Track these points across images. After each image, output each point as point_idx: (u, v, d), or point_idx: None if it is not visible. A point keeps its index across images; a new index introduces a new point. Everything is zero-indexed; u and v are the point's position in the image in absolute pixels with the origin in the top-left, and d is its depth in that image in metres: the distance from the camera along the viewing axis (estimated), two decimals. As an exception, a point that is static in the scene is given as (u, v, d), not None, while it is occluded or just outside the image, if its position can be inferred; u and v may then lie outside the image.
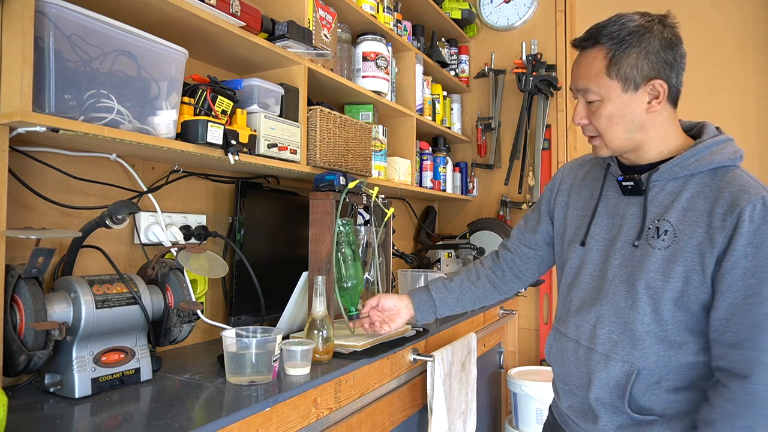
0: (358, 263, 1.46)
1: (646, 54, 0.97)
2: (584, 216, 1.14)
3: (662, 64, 0.98)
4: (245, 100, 1.37)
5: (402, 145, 2.22)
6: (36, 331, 0.91)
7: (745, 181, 0.94)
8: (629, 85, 0.99)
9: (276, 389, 1.04)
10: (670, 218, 0.99)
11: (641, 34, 0.98)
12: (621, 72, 0.98)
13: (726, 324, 0.92)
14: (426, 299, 1.35)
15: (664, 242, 0.98)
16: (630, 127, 1.01)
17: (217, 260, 1.28)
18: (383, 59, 1.91)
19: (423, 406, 1.57)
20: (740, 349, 0.90)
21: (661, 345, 0.99)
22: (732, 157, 0.98)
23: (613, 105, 1.00)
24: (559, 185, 1.25)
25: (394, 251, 2.21)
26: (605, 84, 1.00)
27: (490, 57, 2.89)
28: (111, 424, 0.86)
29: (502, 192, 2.80)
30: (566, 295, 1.17)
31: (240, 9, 1.27)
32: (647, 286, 0.99)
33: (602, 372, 1.04)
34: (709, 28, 2.38)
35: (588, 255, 1.11)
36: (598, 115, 1.02)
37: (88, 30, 0.97)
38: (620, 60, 0.98)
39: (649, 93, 0.99)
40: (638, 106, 1.00)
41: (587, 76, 1.02)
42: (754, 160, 2.28)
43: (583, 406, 1.10)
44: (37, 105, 0.89)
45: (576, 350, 1.10)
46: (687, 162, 0.99)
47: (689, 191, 0.98)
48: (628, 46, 0.98)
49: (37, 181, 1.12)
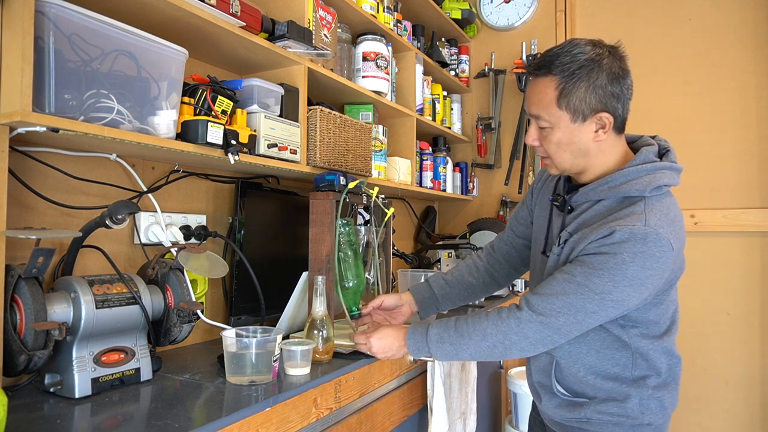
0: (359, 263, 1.46)
1: (594, 88, 1.03)
2: (537, 217, 1.29)
3: (609, 97, 1.04)
4: (245, 100, 1.37)
5: (402, 145, 2.22)
6: (36, 331, 0.91)
7: (634, 211, 1.03)
8: (577, 117, 1.05)
9: (276, 389, 1.04)
10: (570, 229, 1.11)
11: (590, 68, 1.03)
12: (570, 104, 1.05)
13: (549, 280, 1.07)
14: (428, 295, 1.40)
15: (559, 248, 1.11)
16: (576, 153, 1.10)
17: (217, 260, 1.28)
18: (383, 59, 1.91)
19: (423, 406, 1.57)
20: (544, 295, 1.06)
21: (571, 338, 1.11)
22: (641, 189, 1.04)
23: (562, 133, 1.08)
24: (537, 183, 1.36)
25: (394, 251, 2.21)
26: (555, 114, 1.07)
27: (490, 57, 2.89)
28: (111, 424, 0.86)
29: (502, 192, 2.80)
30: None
31: (240, 9, 1.27)
32: None
33: (534, 360, 1.23)
34: (709, 28, 2.38)
35: (535, 254, 1.27)
36: (548, 140, 1.10)
37: (88, 30, 0.97)
38: (569, 93, 1.04)
39: (596, 123, 1.06)
40: (585, 135, 1.07)
41: (539, 104, 1.09)
42: (754, 160, 2.28)
43: (532, 387, 1.28)
44: (37, 105, 0.89)
45: None
46: (600, 188, 1.09)
47: (594, 211, 1.10)
48: (578, 80, 1.03)
49: (37, 181, 1.12)
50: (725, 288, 2.30)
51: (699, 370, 2.31)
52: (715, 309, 2.31)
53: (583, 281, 1.02)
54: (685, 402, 2.32)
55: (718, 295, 2.32)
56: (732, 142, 2.32)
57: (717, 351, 2.30)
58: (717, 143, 2.34)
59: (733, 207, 2.30)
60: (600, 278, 1.01)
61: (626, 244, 0.99)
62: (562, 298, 1.04)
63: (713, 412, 2.32)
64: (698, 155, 2.36)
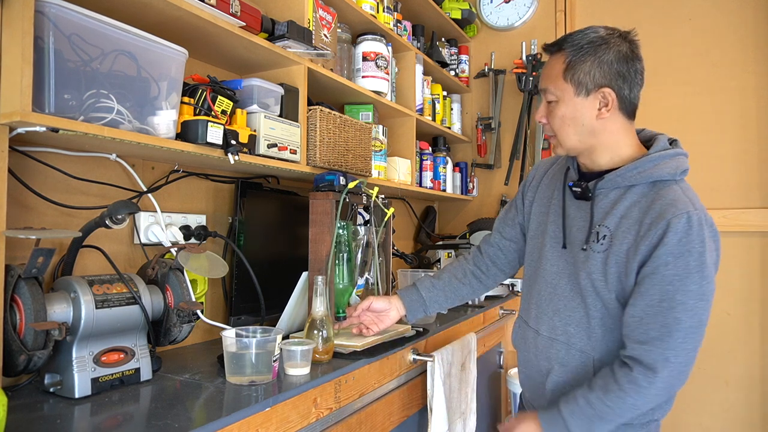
0: (352, 266, 1.47)
1: (600, 63, 1.05)
2: (544, 213, 1.24)
3: (614, 74, 1.05)
4: (245, 100, 1.37)
5: (402, 145, 2.22)
6: (36, 331, 0.91)
7: (677, 196, 1.02)
8: (581, 90, 1.07)
9: (276, 389, 1.04)
10: (609, 224, 1.08)
11: (598, 44, 1.06)
12: (575, 77, 1.07)
13: (639, 322, 1.02)
14: (416, 298, 1.39)
15: (602, 246, 1.08)
16: (580, 129, 1.09)
17: (217, 260, 1.28)
18: (383, 59, 1.91)
19: (423, 406, 1.57)
20: (648, 345, 1.00)
21: (611, 335, 1.09)
22: (672, 172, 1.05)
23: (566, 107, 1.09)
24: (530, 181, 1.34)
25: (394, 251, 2.21)
26: (561, 86, 1.09)
27: (490, 57, 2.89)
28: (111, 424, 0.86)
29: (502, 192, 2.80)
30: (529, 288, 1.26)
31: (240, 9, 1.27)
32: (593, 286, 1.09)
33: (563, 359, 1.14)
34: (709, 28, 2.38)
35: (545, 251, 1.21)
36: (553, 115, 1.11)
37: (87, 30, 0.97)
38: (575, 66, 1.06)
39: (600, 100, 1.07)
40: (588, 110, 1.08)
41: (548, 78, 1.12)
42: (754, 160, 2.28)
43: (540, 389, 1.19)
44: (36, 105, 0.89)
45: (536, 339, 1.20)
46: (629, 173, 1.07)
47: (628, 200, 1.07)
48: (584, 54, 1.06)
49: (37, 181, 1.12)
50: (725, 288, 2.30)
51: (699, 370, 2.31)
52: (715, 309, 2.30)
53: (683, 298, 0.98)
54: (685, 402, 2.33)
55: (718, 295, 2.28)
56: (732, 142, 2.32)
57: (717, 351, 2.30)
58: (717, 143, 2.34)
59: (733, 207, 2.30)
60: (694, 282, 0.98)
61: (691, 235, 0.97)
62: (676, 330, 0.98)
63: (713, 412, 2.32)
64: (698, 155, 2.35)
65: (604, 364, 1.09)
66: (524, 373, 1.27)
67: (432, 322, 1.75)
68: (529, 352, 1.23)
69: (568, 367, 1.13)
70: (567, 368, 1.14)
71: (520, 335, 1.28)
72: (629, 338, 1.04)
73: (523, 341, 1.26)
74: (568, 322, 1.14)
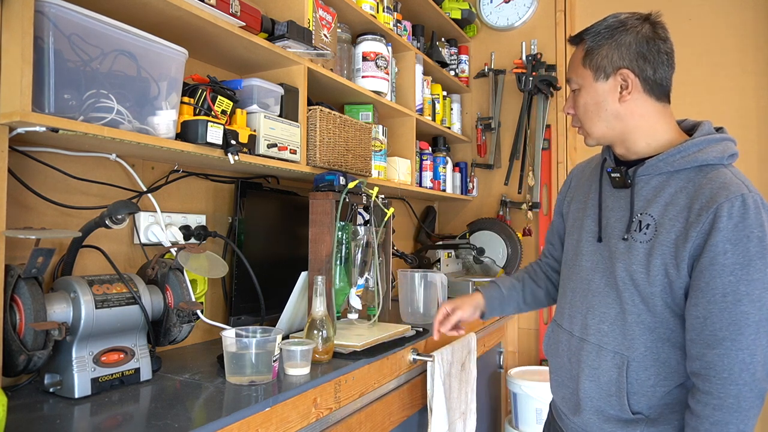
0: (350, 267, 1.47)
1: (617, 46, 1.02)
2: (581, 209, 1.18)
3: (634, 55, 1.02)
4: (245, 100, 1.37)
5: (402, 145, 2.22)
6: (36, 331, 0.91)
7: (728, 178, 0.94)
8: (600, 74, 1.04)
9: (276, 389, 1.04)
10: (653, 212, 1.00)
11: (616, 28, 1.03)
12: (593, 62, 1.05)
13: (704, 322, 0.92)
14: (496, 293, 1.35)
15: (646, 236, 1.00)
16: (604, 115, 1.05)
17: (217, 260, 1.28)
18: (383, 59, 1.91)
19: (423, 406, 1.57)
20: (719, 348, 0.90)
21: (650, 335, 1.00)
22: (719, 155, 0.97)
23: (587, 93, 1.07)
24: (569, 184, 1.30)
25: (394, 251, 2.21)
26: (581, 73, 1.07)
27: (490, 57, 2.89)
28: (111, 424, 0.86)
29: (502, 192, 2.80)
30: (564, 287, 1.19)
31: (240, 9, 1.27)
32: (632, 279, 1.01)
33: (594, 362, 1.05)
34: (709, 28, 2.38)
35: (580, 246, 1.14)
36: (578, 104, 1.09)
37: (87, 30, 0.97)
38: (593, 51, 1.05)
39: (620, 83, 1.03)
40: (610, 95, 1.04)
41: (570, 67, 1.11)
42: (754, 160, 2.28)
43: (573, 397, 1.10)
44: (36, 105, 0.89)
45: (569, 341, 1.13)
46: (672, 158, 1.00)
47: (673, 187, 1.00)
48: (602, 38, 1.04)
49: (36, 181, 1.12)
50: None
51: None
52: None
53: (747, 289, 0.88)
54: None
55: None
56: (732, 142, 2.32)
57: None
58: (717, 143, 2.34)
59: (732, 207, 2.30)
60: (758, 270, 0.89)
61: (748, 219, 0.89)
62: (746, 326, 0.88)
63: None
64: (698, 155, 2.36)
65: (641, 368, 1.00)
66: (556, 381, 1.18)
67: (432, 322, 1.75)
68: (561, 357, 1.15)
69: (600, 370, 1.04)
70: (598, 371, 1.05)
71: (553, 339, 1.20)
72: (695, 342, 0.93)
73: (555, 345, 1.18)
74: (602, 320, 1.05)
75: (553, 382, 1.20)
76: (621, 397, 1.01)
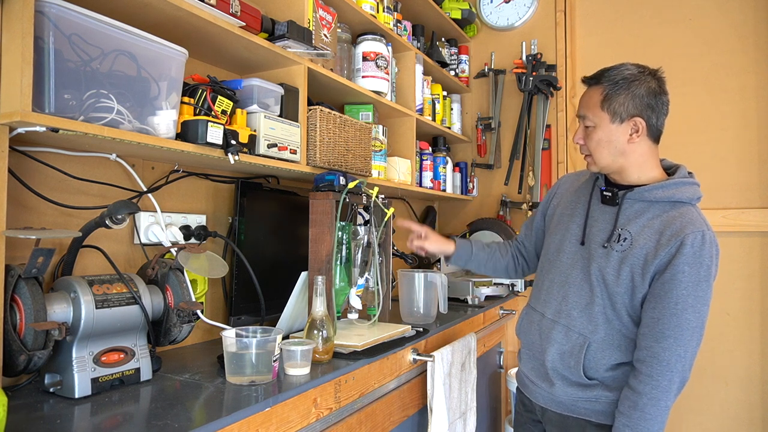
0: (350, 266, 1.47)
1: (633, 97, 1.24)
2: (568, 214, 1.41)
3: (645, 106, 1.24)
4: (245, 100, 1.37)
5: (402, 145, 2.22)
6: (36, 331, 0.91)
7: (694, 216, 1.20)
8: (616, 118, 1.25)
9: (276, 389, 1.04)
10: (631, 229, 1.25)
11: (631, 80, 1.24)
12: (611, 107, 1.25)
13: (656, 322, 1.17)
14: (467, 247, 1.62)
15: (622, 246, 1.24)
16: (613, 151, 1.27)
17: (217, 260, 1.28)
18: (383, 59, 1.91)
19: (423, 406, 1.57)
20: (664, 342, 1.16)
21: (609, 325, 1.25)
22: (690, 196, 1.23)
23: (602, 132, 1.27)
24: (556, 189, 1.54)
25: (394, 251, 2.21)
26: (598, 114, 1.27)
27: (490, 57, 2.89)
28: (111, 424, 0.86)
29: (502, 192, 2.80)
30: (542, 277, 1.43)
31: (240, 9, 1.27)
32: (603, 279, 1.25)
33: (562, 340, 1.30)
34: (709, 28, 2.38)
35: (563, 246, 1.37)
36: (590, 138, 1.30)
37: (87, 30, 0.97)
38: (612, 98, 1.25)
39: (631, 127, 1.25)
40: (621, 135, 1.26)
41: (587, 106, 1.30)
42: (753, 160, 2.28)
43: (542, 368, 1.35)
44: (36, 105, 0.89)
45: (540, 322, 1.37)
46: (656, 191, 1.24)
47: (651, 213, 1.24)
48: (620, 88, 1.24)
49: (36, 181, 1.12)
50: (725, 288, 2.30)
51: (699, 370, 2.31)
52: (715, 309, 2.30)
53: (693, 302, 1.15)
54: (685, 402, 2.32)
55: (718, 295, 2.31)
56: (732, 142, 2.32)
57: (717, 351, 2.30)
58: (717, 143, 2.34)
59: (733, 207, 2.30)
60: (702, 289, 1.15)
61: (704, 249, 1.15)
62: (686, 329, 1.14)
63: (713, 412, 2.32)
64: (698, 155, 2.36)
65: (598, 349, 1.25)
66: (526, 354, 1.42)
67: (432, 322, 1.75)
68: (533, 335, 1.39)
69: (566, 346, 1.29)
70: (564, 346, 1.30)
71: (527, 320, 1.44)
72: (647, 336, 1.18)
73: (528, 325, 1.42)
74: (573, 307, 1.29)
75: (523, 356, 1.44)
76: (578, 368, 1.26)
